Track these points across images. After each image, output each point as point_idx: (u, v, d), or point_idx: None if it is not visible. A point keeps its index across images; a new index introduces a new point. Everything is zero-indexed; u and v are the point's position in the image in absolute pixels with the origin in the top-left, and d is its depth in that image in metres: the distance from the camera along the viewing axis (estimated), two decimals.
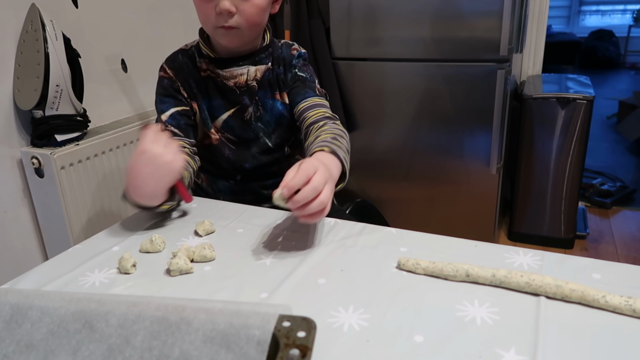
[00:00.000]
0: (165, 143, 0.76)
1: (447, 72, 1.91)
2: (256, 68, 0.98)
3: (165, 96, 0.98)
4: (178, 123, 0.97)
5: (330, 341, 0.52)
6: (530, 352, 0.49)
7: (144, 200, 0.78)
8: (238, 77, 0.97)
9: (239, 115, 1.00)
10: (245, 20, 0.89)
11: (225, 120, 1.00)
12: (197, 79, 0.98)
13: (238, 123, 1.00)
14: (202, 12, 0.89)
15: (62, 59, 1.28)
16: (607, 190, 2.55)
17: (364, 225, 0.79)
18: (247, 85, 0.98)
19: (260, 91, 0.99)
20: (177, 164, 0.77)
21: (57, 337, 0.47)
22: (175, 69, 0.98)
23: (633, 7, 6.55)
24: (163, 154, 0.75)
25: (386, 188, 2.15)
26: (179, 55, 1.00)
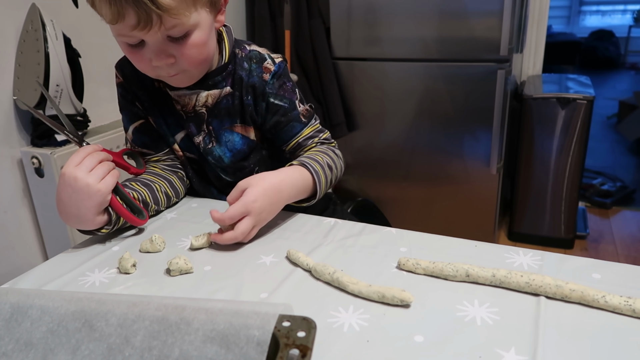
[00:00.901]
0: (88, 167, 0.70)
1: (447, 72, 1.91)
2: (208, 93, 0.83)
3: (123, 108, 0.89)
4: (142, 140, 0.89)
5: (330, 341, 0.52)
6: (530, 352, 0.49)
7: (73, 225, 0.73)
8: (185, 100, 0.84)
9: (189, 141, 0.89)
10: (189, 64, 0.74)
11: (182, 140, 0.89)
12: (150, 90, 0.86)
13: (192, 146, 0.89)
14: (136, 63, 0.75)
15: (62, 58, 1.28)
16: (607, 190, 2.55)
17: (364, 225, 0.79)
18: (195, 112, 0.85)
19: (214, 120, 0.86)
20: (100, 187, 0.70)
21: (57, 335, 0.47)
22: (126, 76, 0.86)
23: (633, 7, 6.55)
24: (81, 178, 0.69)
25: (386, 188, 2.15)
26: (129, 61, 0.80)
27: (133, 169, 0.85)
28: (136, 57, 0.74)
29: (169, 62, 0.73)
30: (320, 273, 0.63)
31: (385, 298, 0.57)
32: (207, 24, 0.74)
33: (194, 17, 0.70)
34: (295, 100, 0.87)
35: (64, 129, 0.79)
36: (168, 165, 0.92)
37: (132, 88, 0.86)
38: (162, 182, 0.87)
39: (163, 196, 0.86)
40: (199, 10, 0.71)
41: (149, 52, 0.71)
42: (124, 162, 0.82)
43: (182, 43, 0.71)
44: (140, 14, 0.65)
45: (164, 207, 0.87)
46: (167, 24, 0.67)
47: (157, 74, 0.77)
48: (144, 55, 0.72)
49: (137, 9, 0.64)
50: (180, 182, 0.91)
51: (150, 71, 0.76)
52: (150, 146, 0.90)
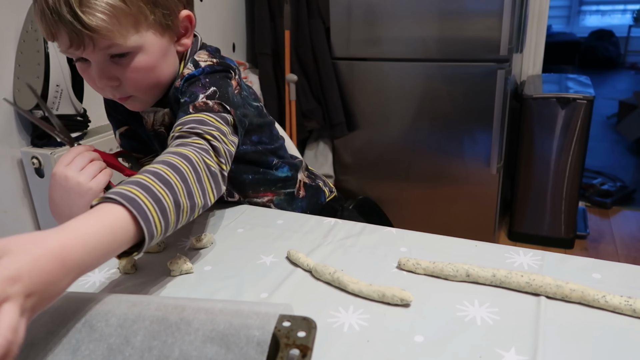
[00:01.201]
0: (79, 166, 0.69)
1: (447, 72, 1.91)
2: (165, 111, 0.79)
3: (108, 115, 0.88)
4: (131, 145, 0.88)
5: (330, 341, 0.52)
6: (530, 352, 0.49)
7: None
8: (146, 117, 0.82)
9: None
10: (134, 88, 0.71)
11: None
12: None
13: None
14: (88, 82, 0.72)
15: (62, 59, 1.28)
16: (607, 190, 2.55)
17: (364, 225, 0.79)
18: (154, 130, 0.82)
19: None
20: (92, 185, 0.69)
21: (57, 336, 0.47)
22: None
23: (633, 7, 6.55)
24: (72, 177, 0.68)
25: (386, 188, 2.15)
26: None
27: (128, 170, 0.85)
28: (85, 76, 0.72)
29: (113, 85, 0.70)
30: (320, 273, 0.63)
31: (386, 297, 0.57)
32: (157, 47, 0.69)
33: (134, 40, 0.66)
34: (200, 93, 0.72)
35: (54, 130, 0.79)
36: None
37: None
38: None
39: None
40: (142, 33, 0.67)
41: (94, 71, 0.69)
42: (118, 163, 0.81)
43: (126, 65, 0.68)
44: (71, 35, 0.63)
45: None
46: (100, 45, 0.64)
47: (107, 96, 0.74)
48: (90, 74, 0.70)
49: (67, 29, 0.62)
50: None
51: (100, 92, 0.73)
52: (139, 150, 0.89)
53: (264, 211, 0.87)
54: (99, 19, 0.61)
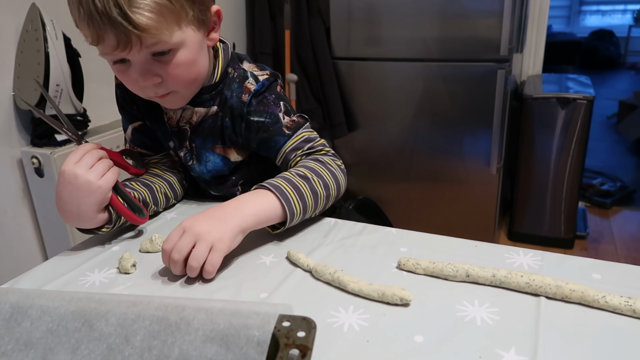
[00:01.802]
0: (88, 164, 0.70)
1: (447, 72, 1.91)
2: (194, 110, 0.82)
3: (121, 108, 0.89)
4: (142, 141, 0.89)
5: (330, 341, 0.52)
6: (530, 353, 0.49)
7: (73, 223, 0.72)
8: (170, 114, 0.84)
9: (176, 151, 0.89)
10: (176, 84, 0.73)
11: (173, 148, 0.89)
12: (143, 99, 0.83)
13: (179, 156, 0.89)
14: (126, 82, 0.74)
15: (62, 58, 1.28)
16: (607, 190, 2.55)
17: (364, 225, 0.79)
18: (179, 127, 0.84)
19: (197, 139, 0.85)
20: (101, 184, 0.70)
21: (57, 335, 0.47)
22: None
23: (633, 7, 6.55)
24: (82, 175, 0.69)
25: (386, 188, 2.15)
26: None
27: (133, 169, 0.85)
28: (124, 78, 0.73)
29: (155, 82, 0.71)
30: (320, 273, 0.63)
31: (385, 296, 0.57)
32: (195, 42, 0.72)
33: (177, 36, 0.68)
34: (279, 112, 0.80)
35: (62, 127, 0.79)
36: (168, 166, 0.91)
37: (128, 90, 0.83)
38: (162, 183, 0.87)
39: (162, 197, 0.86)
40: (184, 28, 0.69)
41: (134, 72, 0.70)
42: (123, 161, 0.82)
43: (168, 62, 0.70)
44: (119, 36, 0.64)
45: (163, 208, 0.87)
46: (147, 43, 0.66)
47: (147, 95, 0.75)
48: (130, 75, 0.71)
49: (115, 30, 0.63)
50: (179, 183, 0.91)
51: (139, 91, 0.75)
52: (150, 147, 0.90)
53: None
54: (147, 18, 0.63)
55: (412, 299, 0.57)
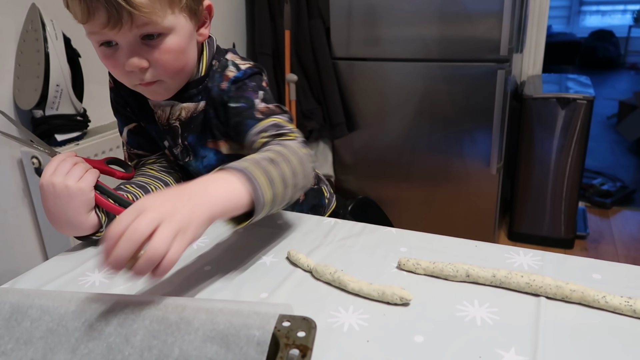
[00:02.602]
0: (63, 171, 0.69)
1: (447, 72, 1.91)
2: (182, 106, 0.80)
3: (116, 112, 0.89)
4: (138, 142, 0.89)
5: (330, 341, 0.52)
6: (530, 353, 0.49)
7: (68, 232, 0.71)
8: (159, 112, 0.83)
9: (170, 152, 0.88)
10: (163, 71, 0.71)
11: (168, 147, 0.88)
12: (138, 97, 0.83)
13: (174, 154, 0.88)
14: (111, 68, 0.72)
15: (62, 58, 1.28)
16: (607, 190, 2.55)
17: (364, 225, 0.79)
18: (169, 125, 0.83)
19: (189, 135, 0.83)
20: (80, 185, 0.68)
21: (57, 335, 0.47)
22: (117, 82, 0.82)
23: (633, 7, 6.55)
24: (59, 182, 0.67)
25: (386, 188, 2.15)
26: None
27: (119, 172, 0.83)
28: (110, 62, 0.71)
29: (142, 66, 0.69)
30: (321, 273, 0.63)
31: (385, 295, 0.57)
32: (186, 31, 0.71)
33: (169, 20, 0.67)
34: (255, 98, 0.77)
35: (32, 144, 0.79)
36: (164, 166, 0.90)
37: (121, 93, 0.85)
38: (158, 183, 0.85)
39: None
40: (177, 14, 0.68)
41: (122, 55, 0.68)
42: (107, 167, 0.80)
43: (156, 47, 0.68)
44: (110, 12, 0.62)
45: None
46: (138, 22, 0.64)
47: (132, 82, 0.73)
48: (117, 59, 0.69)
49: (107, 6, 0.62)
50: (176, 183, 0.89)
51: (124, 78, 0.72)
52: (146, 147, 0.90)
53: None
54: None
55: (412, 298, 0.57)
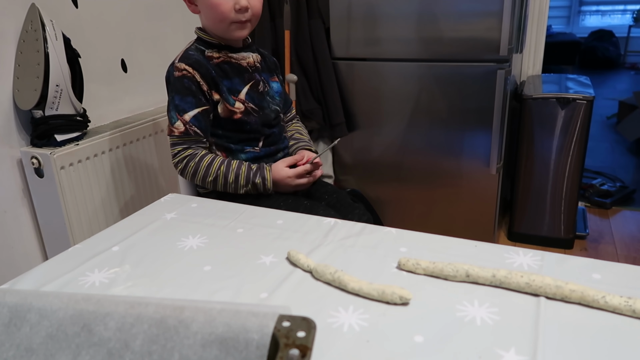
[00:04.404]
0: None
1: (447, 72, 1.91)
2: (255, 54, 1.17)
3: (186, 95, 1.06)
4: (200, 124, 1.07)
5: (330, 341, 0.52)
6: (530, 353, 0.49)
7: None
8: (247, 59, 1.14)
9: (255, 88, 1.14)
10: (255, 13, 1.07)
11: (247, 93, 1.12)
12: (213, 67, 1.08)
13: (255, 95, 1.14)
14: (221, 10, 1.03)
15: (62, 59, 1.28)
16: (607, 190, 2.55)
17: (364, 225, 0.79)
18: (255, 66, 1.16)
19: (263, 73, 1.18)
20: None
21: (57, 340, 0.47)
22: (192, 64, 1.05)
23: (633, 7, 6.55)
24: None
25: (386, 188, 2.15)
26: (189, 53, 1.08)
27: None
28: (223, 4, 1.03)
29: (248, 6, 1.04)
30: (321, 274, 0.63)
31: (385, 295, 0.57)
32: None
33: None
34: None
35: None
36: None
37: (201, 70, 1.05)
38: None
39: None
40: None
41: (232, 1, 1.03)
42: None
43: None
44: None
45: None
46: None
47: (234, 19, 1.04)
48: (228, 3, 1.03)
49: None
50: None
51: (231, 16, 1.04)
52: (205, 131, 1.08)
53: (264, 211, 0.87)
54: None
55: (412, 297, 0.57)
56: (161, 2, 1.73)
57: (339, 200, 1.15)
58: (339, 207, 1.13)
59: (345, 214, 1.11)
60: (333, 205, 1.12)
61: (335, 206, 1.13)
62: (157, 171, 1.65)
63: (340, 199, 1.15)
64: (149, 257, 0.72)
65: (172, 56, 1.13)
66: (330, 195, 1.17)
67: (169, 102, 1.08)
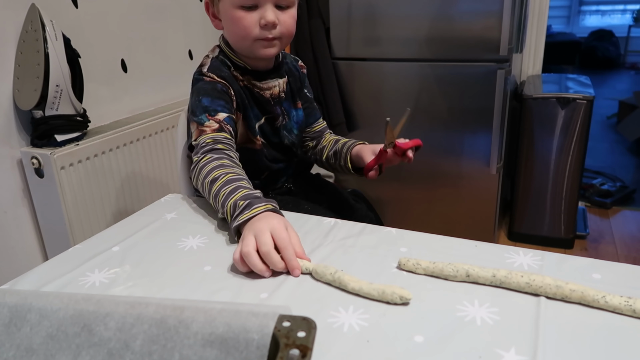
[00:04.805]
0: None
1: (447, 72, 1.91)
2: (283, 80, 1.04)
3: (218, 98, 0.94)
4: (232, 127, 0.94)
5: (330, 341, 0.52)
6: (530, 353, 0.49)
7: None
8: (272, 88, 1.02)
9: (271, 122, 1.04)
10: (286, 30, 0.94)
11: (260, 127, 1.03)
12: (238, 89, 0.98)
13: (269, 129, 1.04)
14: (244, 25, 0.91)
15: (62, 59, 1.28)
16: (607, 190, 2.55)
17: (364, 225, 0.79)
18: (279, 97, 1.04)
19: (285, 102, 1.06)
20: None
21: (57, 341, 0.47)
22: (225, 78, 0.96)
23: (633, 7, 6.55)
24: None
25: (386, 188, 2.15)
26: (219, 65, 0.98)
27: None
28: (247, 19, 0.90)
29: (275, 21, 0.91)
30: (321, 274, 0.63)
31: (385, 294, 0.57)
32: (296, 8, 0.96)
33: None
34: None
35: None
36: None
37: (234, 86, 0.97)
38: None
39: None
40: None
41: (257, 15, 0.90)
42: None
43: (285, 12, 0.92)
44: None
45: None
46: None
47: (259, 36, 0.92)
48: (253, 17, 0.90)
49: None
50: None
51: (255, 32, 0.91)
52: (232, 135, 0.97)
53: None
54: None
55: (412, 297, 0.57)
56: (161, 2, 1.73)
57: (340, 202, 1.14)
58: (340, 209, 1.12)
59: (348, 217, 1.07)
60: (334, 208, 1.11)
61: (337, 208, 1.11)
62: (157, 171, 1.65)
63: (341, 200, 1.15)
64: (149, 257, 0.72)
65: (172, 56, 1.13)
66: (331, 197, 1.14)
67: (194, 106, 0.93)
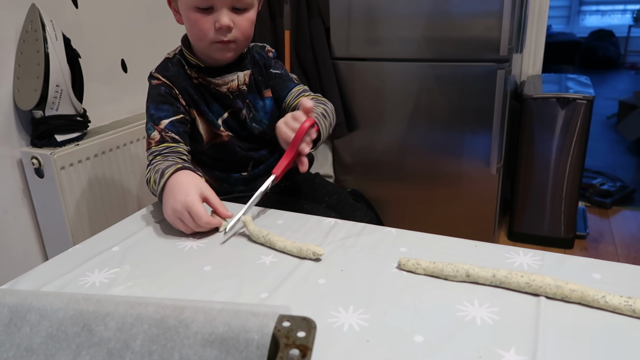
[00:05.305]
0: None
1: (447, 72, 1.91)
2: (244, 73, 1.03)
3: (162, 103, 0.97)
4: (177, 130, 0.96)
5: (330, 341, 0.52)
6: (530, 352, 0.49)
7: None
8: (230, 83, 1.01)
9: (235, 116, 1.03)
10: (241, 34, 0.94)
11: (225, 121, 1.03)
12: (192, 86, 0.99)
13: (235, 123, 1.04)
14: (199, 27, 0.92)
15: (62, 59, 1.28)
16: (607, 190, 2.55)
17: (364, 225, 0.79)
18: (239, 90, 1.02)
19: (249, 95, 1.04)
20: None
21: (57, 341, 0.47)
22: (170, 78, 0.98)
23: (633, 7, 6.55)
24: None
25: (386, 188, 2.15)
26: (168, 64, 1.01)
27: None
28: (201, 23, 0.91)
29: (230, 25, 0.91)
30: (256, 237, 0.74)
31: (302, 251, 0.68)
32: (256, 10, 0.96)
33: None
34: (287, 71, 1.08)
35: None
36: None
37: (178, 85, 0.98)
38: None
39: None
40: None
41: (213, 18, 0.90)
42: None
43: (241, 15, 0.92)
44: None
45: None
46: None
47: (214, 39, 0.92)
48: (208, 20, 0.91)
49: None
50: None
51: (211, 35, 0.92)
52: (183, 137, 0.98)
53: (264, 211, 0.87)
54: None
55: (323, 253, 0.68)
56: (161, 2, 1.73)
57: (340, 202, 1.14)
58: (340, 209, 1.11)
59: (347, 216, 1.07)
60: (334, 208, 1.11)
61: (337, 208, 1.11)
62: None
63: (341, 199, 1.14)
64: (149, 257, 0.72)
65: None
66: (331, 197, 1.14)
67: (146, 114, 0.99)
